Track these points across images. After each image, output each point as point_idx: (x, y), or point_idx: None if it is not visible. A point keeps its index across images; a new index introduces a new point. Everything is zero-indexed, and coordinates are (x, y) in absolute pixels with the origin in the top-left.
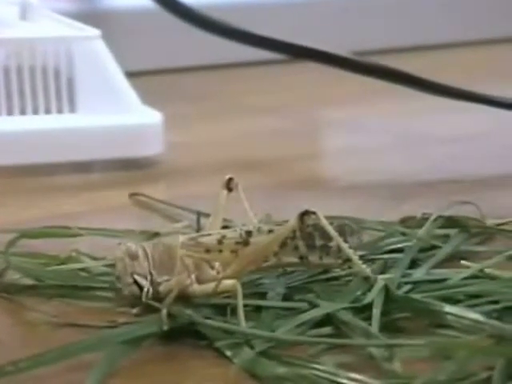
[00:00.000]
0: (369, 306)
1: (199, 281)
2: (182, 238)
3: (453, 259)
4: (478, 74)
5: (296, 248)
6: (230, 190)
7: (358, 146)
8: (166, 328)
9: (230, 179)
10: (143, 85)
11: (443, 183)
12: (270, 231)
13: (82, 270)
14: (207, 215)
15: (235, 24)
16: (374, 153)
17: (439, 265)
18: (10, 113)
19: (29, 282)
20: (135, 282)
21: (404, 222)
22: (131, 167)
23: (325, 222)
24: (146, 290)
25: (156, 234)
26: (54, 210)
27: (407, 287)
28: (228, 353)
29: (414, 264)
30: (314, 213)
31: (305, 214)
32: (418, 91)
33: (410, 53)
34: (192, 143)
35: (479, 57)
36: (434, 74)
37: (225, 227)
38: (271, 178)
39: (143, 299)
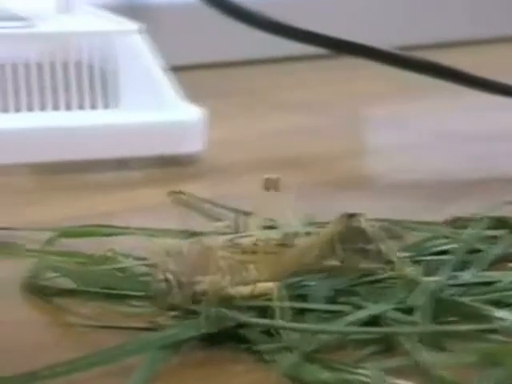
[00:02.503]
0: (414, 309)
1: (237, 283)
2: (221, 239)
3: (501, 261)
4: None
5: (338, 251)
6: (271, 189)
7: (401, 143)
8: (206, 331)
9: (273, 178)
10: (182, 80)
11: (488, 182)
12: (312, 233)
13: (120, 270)
14: (249, 214)
15: (278, 18)
16: (417, 151)
17: (487, 267)
18: (50, 108)
19: (66, 282)
20: (166, 279)
21: (450, 222)
22: (171, 165)
23: (368, 226)
24: (174, 289)
25: (195, 234)
26: (92, 208)
27: (454, 290)
28: (269, 357)
29: (461, 266)
30: (357, 215)
31: (348, 217)
32: (463, 87)
33: (455, 48)
34: (232, 140)
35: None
36: (480, 69)
37: (266, 228)
38: (312, 177)
39: (170, 299)
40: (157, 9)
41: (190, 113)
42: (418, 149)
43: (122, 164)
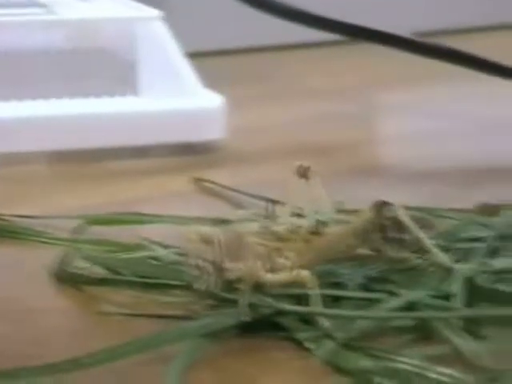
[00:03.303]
0: (449, 297)
1: (270, 270)
2: (253, 226)
3: None
4: None
5: (371, 240)
6: (303, 176)
7: (425, 130)
8: (246, 319)
9: (303, 166)
10: (202, 66)
11: None
12: (346, 222)
13: (153, 258)
14: (276, 202)
15: (297, 5)
16: (441, 138)
17: None
18: (70, 96)
19: (98, 270)
20: (199, 266)
21: (479, 209)
22: (192, 152)
23: (402, 214)
24: (208, 276)
25: (226, 221)
26: (116, 195)
27: (487, 277)
28: (309, 345)
29: (492, 253)
30: (390, 204)
31: (381, 205)
32: (482, 74)
33: (474, 34)
34: (254, 127)
35: None
36: (499, 55)
37: (297, 216)
38: (336, 165)
39: (203, 286)
40: None
41: (211, 100)
42: (442, 135)
43: (142, 152)
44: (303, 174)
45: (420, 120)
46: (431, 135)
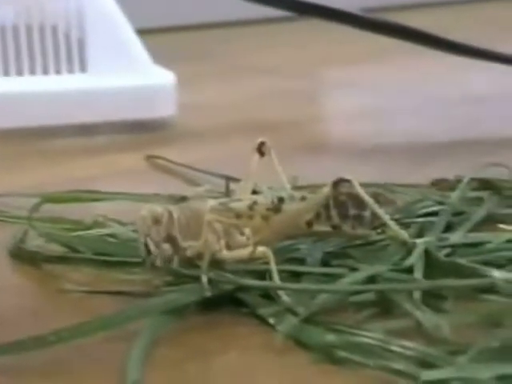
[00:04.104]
0: (409, 271)
1: (228, 247)
2: (211, 203)
3: (488, 222)
4: (490, 31)
5: (329, 216)
6: (262, 154)
7: (373, 107)
8: (208, 295)
9: (262, 143)
10: (150, 43)
11: (465, 145)
12: (303, 198)
13: (111, 235)
14: (232, 179)
15: None
16: (391, 114)
17: (475, 228)
18: (18, 73)
19: (56, 248)
20: (145, 245)
21: (435, 184)
22: (143, 130)
23: (360, 190)
24: (156, 255)
25: (183, 198)
26: (69, 174)
27: (445, 251)
28: (272, 320)
29: (449, 228)
30: (347, 180)
31: (338, 182)
32: (431, 49)
33: (419, 10)
34: (203, 104)
35: (489, 13)
36: (443, 31)
37: (254, 193)
38: (287, 141)
39: (153, 263)
40: None
41: (162, 77)
42: (392, 112)
43: (93, 129)
44: (261, 150)
45: (366, 97)
46: (379, 112)
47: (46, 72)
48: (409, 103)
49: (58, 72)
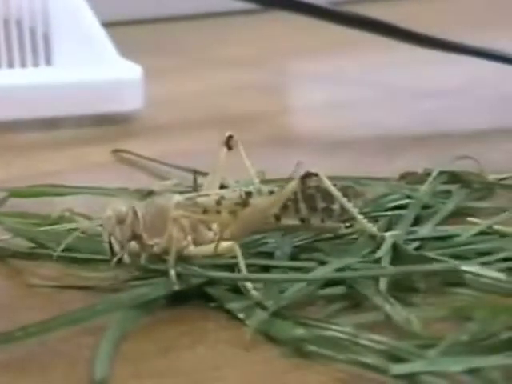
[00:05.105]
0: (378, 264)
1: (196, 242)
2: (177, 198)
3: (456, 216)
4: (452, 23)
5: (297, 210)
6: (229, 147)
7: (340, 99)
8: (176, 289)
9: (230, 137)
10: (116, 36)
11: (433, 137)
12: (271, 192)
13: (77, 230)
14: (199, 173)
15: None
16: (358, 106)
17: (443, 222)
18: None
19: (22, 243)
20: (110, 244)
21: (404, 178)
22: (109, 123)
23: (328, 184)
24: (119, 253)
25: (150, 193)
26: (34, 168)
27: (414, 245)
28: (240, 315)
29: (417, 221)
30: (315, 174)
31: (306, 176)
32: (398, 42)
33: (387, 2)
34: (169, 97)
35: (450, 6)
36: (410, 23)
37: (222, 187)
38: (254, 134)
39: (112, 264)
40: None
41: (129, 70)
42: (359, 104)
43: (59, 123)
44: (228, 144)
45: (333, 89)
46: (345, 104)
47: (11, 65)
48: (375, 95)
49: (23, 65)
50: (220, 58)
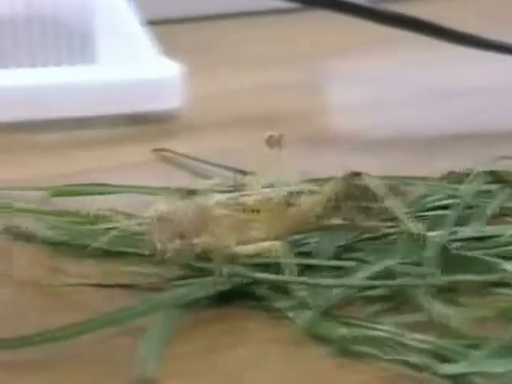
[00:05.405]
0: (421, 265)
1: (239, 242)
2: (219, 197)
3: (499, 216)
4: (492, 22)
5: (340, 209)
6: (272, 147)
7: (376, 98)
8: (220, 288)
9: (273, 136)
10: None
11: (472, 137)
12: (313, 192)
13: (118, 229)
14: (242, 172)
15: None
16: (394, 105)
17: (486, 222)
18: (32, 65)
19: (62, 241)
20: (152, 242)
21: (445, 177)
22: (150, 122)
23: (372, 183)
24: (163, 252)
25: (192, 192)
26: (76, 166)
27: (457, 245)
28: (284, 314)
29: (460, 221)
30: (359, 174)
31: (349, 175)
32: (437, 40)
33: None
34: (208, 96)
35: (489, 5)
36: (448, 21)
37: (266, 186)
38: (291, 133)
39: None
40: None
41: (168, 68)
42: (394, 104)
43: (101, 122)
44: (274, 143)
45: (370, 88)
46: (381, 103)
47: (53, 64)
48: (412, 95)
49: (63, 64)
50: (260, 57)
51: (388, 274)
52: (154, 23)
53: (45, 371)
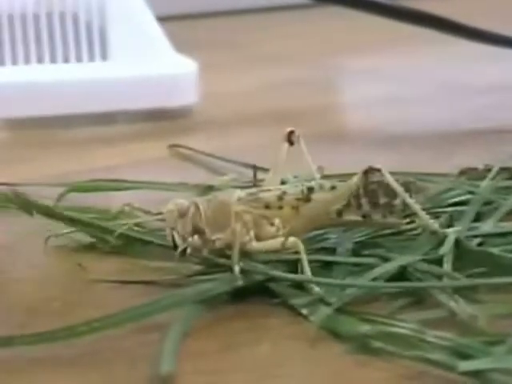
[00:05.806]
0: (441, 261)
1: (258, 238)
2: (238, 193)
3: None
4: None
5: (359, 206)
6: (290, 143)
7: (393, 95)
8: (240, 284)
9: (291, 132)
10: (168, 31)
11: (490, 133)
12: (333, 188)
13: (137, 225)
14: (258, 168)
15: None
16: (412, 102)
17: (505, 218)
18: (39, 61)
19: (82, 237)
20: (172, 238)
21: (464, 173)
22: (165, 118)
23: (391, 179)
24: (179, 249)
25: (209, 188)
26: (93, 163)
27: (476, 241)
28: (304, 310)
29: (478, 217)
30: (378, 169)
31: (369, 171)
32: (454, 37)
33: None
34: (223, 93)
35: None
36: (465, 18)
37: (283, 182)
38: (309, 130)
39: (176, 255)
40: None
41: (183, 65)
42: (412, 100)
43: (115, 118)
44: (290, 139)
45: (388, 85)
46: (399, 100)
47: (67, 60)
48: (429, 91)
49: (79, 60)
50: (274, 53)
51: (406, 270)
52: (168, 19)
53: (68, 366)
